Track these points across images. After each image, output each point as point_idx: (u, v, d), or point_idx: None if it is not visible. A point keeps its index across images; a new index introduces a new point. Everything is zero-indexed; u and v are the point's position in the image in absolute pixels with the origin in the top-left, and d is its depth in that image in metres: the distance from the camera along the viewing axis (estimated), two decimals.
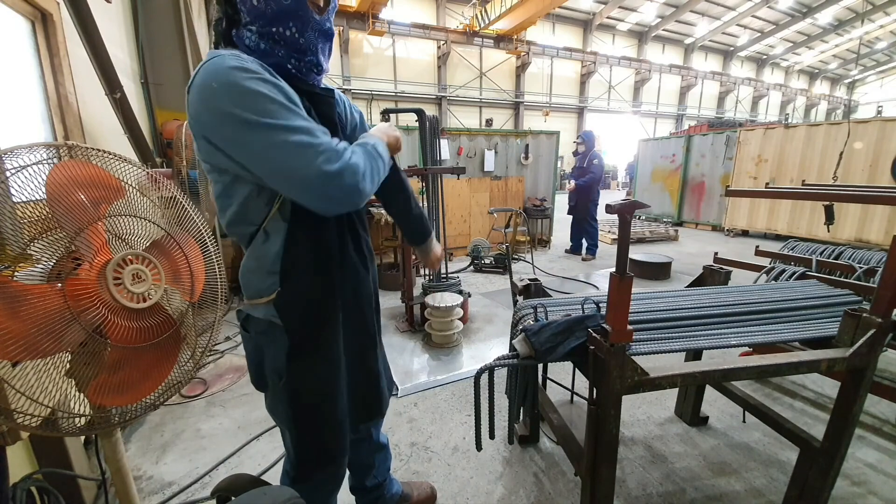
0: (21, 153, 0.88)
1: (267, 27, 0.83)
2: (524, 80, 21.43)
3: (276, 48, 0.85)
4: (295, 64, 0.88)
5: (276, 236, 0.90)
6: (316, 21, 0.87)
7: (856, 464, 1.83)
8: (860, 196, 1.69)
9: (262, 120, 0.74)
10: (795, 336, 1.33)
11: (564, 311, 1.45)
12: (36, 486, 1.10)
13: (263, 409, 2.25)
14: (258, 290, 0.95)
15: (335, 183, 0.77)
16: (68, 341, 0.88)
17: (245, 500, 1.10)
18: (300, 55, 0.87)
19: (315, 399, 1.01)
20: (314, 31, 0.87)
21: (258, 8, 0.82)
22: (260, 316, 0.96)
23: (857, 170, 6.30)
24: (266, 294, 0.93)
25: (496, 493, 1.70)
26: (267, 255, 0.92)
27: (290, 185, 0.78)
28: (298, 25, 0.84)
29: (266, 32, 0.84)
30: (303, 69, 0.89)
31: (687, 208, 9.15)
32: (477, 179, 6.21)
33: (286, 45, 0.85)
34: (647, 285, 4.72)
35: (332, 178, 0.77)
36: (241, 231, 0.93)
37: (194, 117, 0.78)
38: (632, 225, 4.32)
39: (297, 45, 0.86)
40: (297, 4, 0.83)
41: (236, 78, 0.74)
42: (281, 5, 0.82)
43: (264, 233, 0.91)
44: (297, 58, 0.87)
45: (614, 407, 1.16)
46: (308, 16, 0.85)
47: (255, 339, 1.00)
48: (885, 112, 25.47)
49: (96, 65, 2.34)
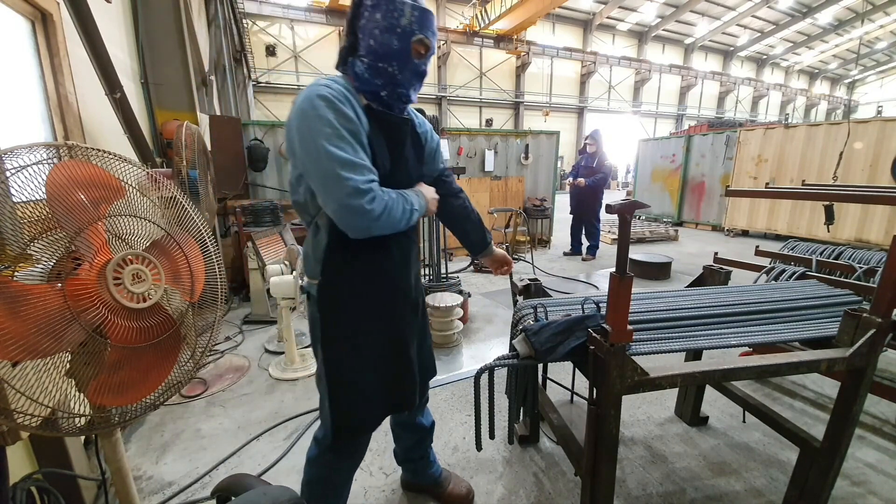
0: (21, 153, 0.88)
1: (375, 62, 1.02)
2: (524, 80, 21.44)
3: (377, 79, 1.03)
4: (388, 93, 1.06)
5: (324, 231, 1.07)
6: (414, 63, 1.05)
7: (856, 464, 1.83)
8: (860, 196, 1.69)
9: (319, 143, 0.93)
10: (795, 336, 1.33)
11: (564, 311, 1.45)
12: (36, 486, 1.11)
13: (263, 410, 2.27)
14: (311, 272, 1.14)
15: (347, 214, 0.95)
16: (68, 341, 0.88)
17: (245, 500, 1.10)
18: (394, 87, 1.05)
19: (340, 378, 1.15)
20: (411, 71, 1.05)
21: (373, 46, 1.01)
22: (313, 293, 1.14)
23: (857, 170, 6.30)
24: (314, 277, 1.12)
25: (496, 493, 1.70)
26: (318, 246, 1.10)
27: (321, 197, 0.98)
28: (399, 65, 1.03)
29: (373, 65, 1.02)
30: (393, 99, 1.07)
31: (687, 208, 9.15)
32: (477, 179, 6.21)
33: (385, 78, 1.04)
34: (647, 285, 4.72)
35: (347, 210, 0.94)
36: (303, 217, 1.14)
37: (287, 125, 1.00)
38: (632, 225, 4.32)
39: (394, 79, 1.04)
40: (403, 49, 1.01)
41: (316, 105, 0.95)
42: (391, 48, 1.00)
43: (316, 225, 1.10)
44: (391, 89, 1.05)
45: (614, 407, 1.16)
46: (409, 58, 1.03)
47: (311, 311, 1.17)
48: (885, 112, 25.47)
49: (96, 65, 2.34)
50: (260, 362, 2.86)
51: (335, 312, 1.12)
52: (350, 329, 1.13)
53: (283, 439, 2.04)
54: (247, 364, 2.83)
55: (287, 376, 2.62)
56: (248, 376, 2.68)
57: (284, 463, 1.88)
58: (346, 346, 1.13)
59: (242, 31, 10.95)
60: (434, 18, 1.05)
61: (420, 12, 1.00)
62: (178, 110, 3.62)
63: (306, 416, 2.22)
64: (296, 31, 17.01)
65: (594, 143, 5.65)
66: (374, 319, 1.15)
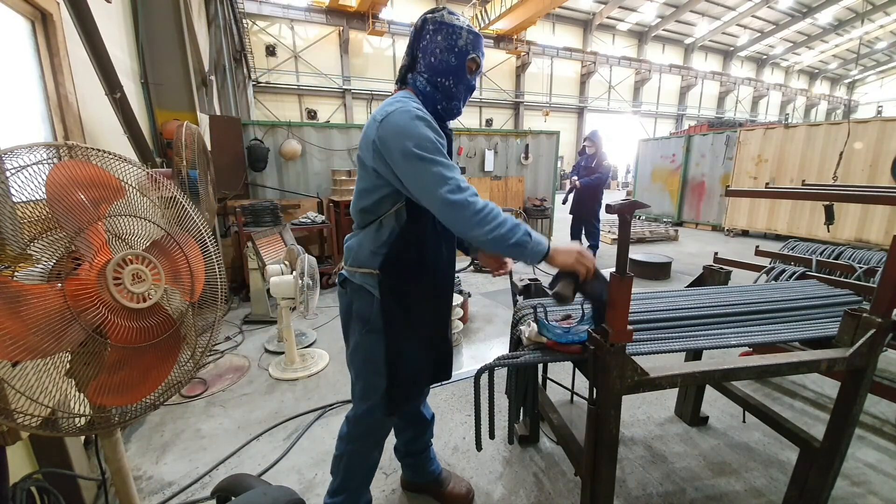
0: (21, 153, 0.88)
1: (434, 77, 1.16)
2: (524, 80, 21.43)
3: (436, 93, 1.18)
4: (444, 106, 1.20)
5: (388, 228, 1.19)
6: (467, 79, 1.19)
7: (856, 464, 1.83)
8: (860, 196, 1.70)
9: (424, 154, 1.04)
10: (795, 336, 1.33)
11: (564, 311, 1.45)
12: (36, 486, 1.11)
13: (263, 410, 2.27)
14: (363, 262, 1.22)
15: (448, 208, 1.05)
16: (68, 341, 0.88)
17: (245, 500, 1.10)
18: (449, 100, 1.20)
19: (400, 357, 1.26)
20: (464, 86, 1.20)
21: (432, 63, 1.16)
22: (357, 281, 1.24)
23: (857, 170, 6.30)
24: (367, 267, 1.22)
25: (496, 493, 1.70)
26: (379, 239, 1.20)
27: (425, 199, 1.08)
28: (455, 80, 1.17)
29: (432, 81, 1.17)
30: (447, 110, 1.21)
31: (687, 208, 9.15)
32: (477, 179, 6.21)
33: (442, 92, 1.18)
34: (647, 285, 4.72)
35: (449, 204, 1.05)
36: (363, 219, 1.23)
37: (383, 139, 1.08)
38: (632, 225, 4.32)
39: (450, 93, 1.19)
40: (459, 67, 1.15)
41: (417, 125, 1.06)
42: (449, 65, 1.15)
43: (380, 223, 1.20)
44: (446, 102, 1.20)
45: (614, 407, 1.16)
46: (463, 74, 1.17)
47: (350, 295, 1.28)
48: (885, 112, 25.46)
49: (96, 65, 2.34)
50: (260, 362, 2.86)
51: (397, 298, 1.22)
52: (408, 313, 1.24)
53: (283, 439, 2.04)
54: (247, 364, 2.83)
55: (287, 376, 2.62)
56: (248, 376, 2.68)
57: (284, 463, 1.88)
58: (406, 328, 1.25)
59: (242, 31, 10.96)
60: (482, 41, 1.19)
61: (474, 36, 1.16)
62: (178, 110, 3.62)
63: (306, 415, 2.22)
64: (296, 31, 16.99)
65: (593, 145, 5.64)
66: (427, 305, 1.29)
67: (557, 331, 1.22)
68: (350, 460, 1.40)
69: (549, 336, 1.22)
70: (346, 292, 1.29)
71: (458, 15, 1.16)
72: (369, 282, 1.22)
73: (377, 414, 1.33)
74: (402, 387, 1.29)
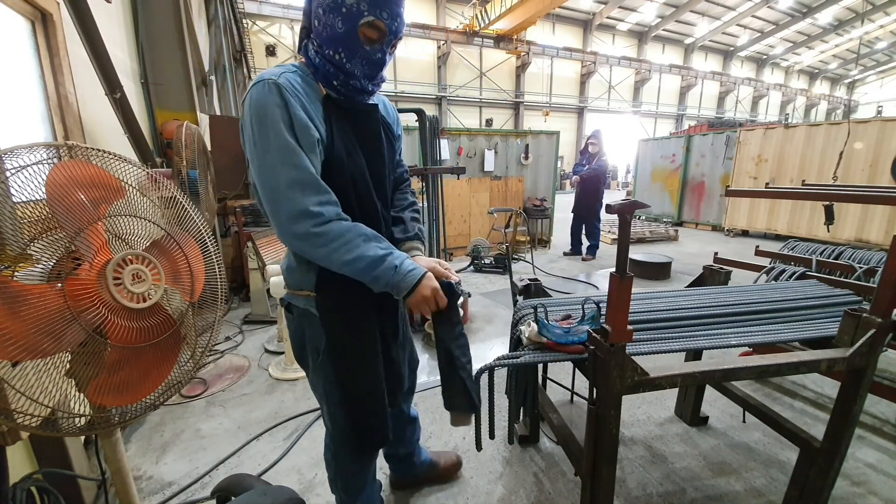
0: (21, 153, 0.88)
1: (322, 48, 0.94)
2: (524, 80, 21.43)
3: (328, 66, 0.95)
4: (341, 82, 0.96)
5: None
6: (364, 51, 0.92)
7: (856, 464, 1.83)
8: (860, 196, 1.70)
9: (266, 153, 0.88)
10: (795, 336, 1.33)
11: (564, 311, 1.45)
12: (36, 486, 1.10)
13: (263, 410, 2.27)
14: (299, 283, 1.06)
15: (293, 240, 0.92)
16: (68, 341, 0.88)
17: (245, 500, 1.10)
18: (345, 77, 0.96)
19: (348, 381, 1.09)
20: (361, 60, 0.94)
21: (318, 30, 0.92)
22: (300, 305, 1.09)
23: (857, 170, 6.30)
24: (306, 288, 1.05)
25: (496, 493, 1.70)
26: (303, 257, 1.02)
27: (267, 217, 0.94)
28: (346, 53, 0.92)
29: (321, 52, 0.94)
30: (347, 90, 0.98)
31: (687, 208, 9.15)
32: (477, 179, 6.21)
33: (335, 66, 0.94)
34: (647, 285, 4.72)
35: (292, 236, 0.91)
36: None
37: (241, 117, 0.93)
38: (632, 225, 4.31)
39: (343, 68, 0.94)
40: (348, 34, 0.89)
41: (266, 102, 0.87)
42: (335, 32, 0.89)
43: None
44: (342, 80, 0.96)
45: (614, 407, 1.16)
46: (356, 45, 0.91)
47: (297, 321, 1.13)
48: (885, 112, 25.45)
49: (96, 65, 2.34)
50: (260, 362, 2.86)
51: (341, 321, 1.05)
52: (356, 335, 1.07)
53: (283, 439, 2.04)
54: (247, 364, 2.83)
55: (287, 376, 2.62)
56: (248, 376, 2.68)
57: (284, 463, 1.88)
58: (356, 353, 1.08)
59: (242, 31, 10.94)
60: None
61: None
62: (178, 110, 3.62)
63: (306, 415, 2.22)
64: (296, 32, 17.00)
65: (596, 143, 5.70)
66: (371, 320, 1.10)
67: (557, 331, 1.22)
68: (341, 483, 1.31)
69: (549, 336, 1.22)
70: (294, 317, 1.13)
71: None
72: (312, 305, 1.05)
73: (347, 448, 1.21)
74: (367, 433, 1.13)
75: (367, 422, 1.12)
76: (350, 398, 1.09)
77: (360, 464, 1.28)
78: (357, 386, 1.09)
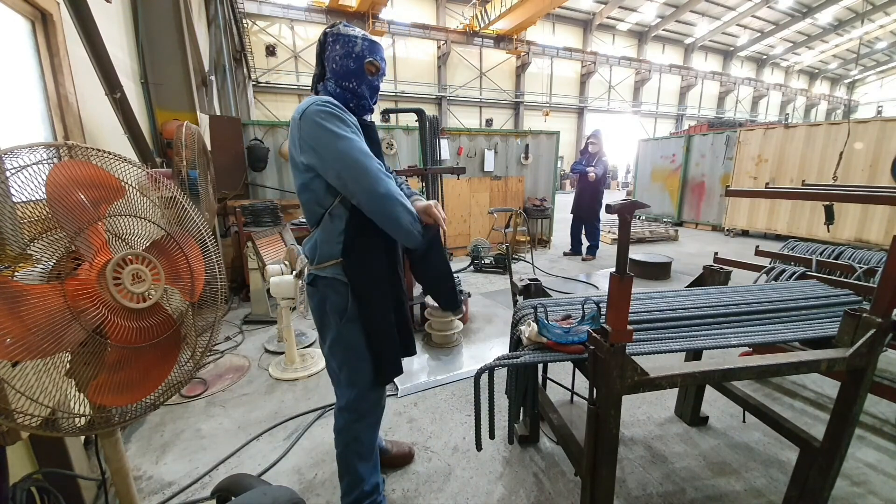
0: (21, 153, 0.88)
1: (340, 81, 1.32)
2: (524, 80, 21.43)
3: (345, 94, 1.32)
4: (354, 104, 1.34)
5: (340, 218, 1.29)
6: (368, 80, 1.34)
7: (856, 464, 1.83)
8: (860, 196, 1.70)
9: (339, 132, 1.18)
10: (795, 336, 1.33)
11: (564, 311, 1.45)
12: (36, 486, 1.11)
13: (263, 410, 2.27)
14: (328, 254, 1.31)
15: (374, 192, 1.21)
16: (68, 341, 0.88)
17: (245, 500, 1.10)
18: (358, 99, 1.34)
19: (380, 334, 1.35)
20: (367, 86, 1.34)
21: (335, 69, 1.31)
22: (327, 275, 1.32)
23: (857, 170, 6.29)
24: (334, 257, 1.30)
25: (496, 493, 1.70)
26: (335, 231, 1.30)
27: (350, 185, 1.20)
28: (357, 81, 1.32)
29: (339, 84, 1.32)
30: (358, 109, 1.35)
31: (687, 208, 9.15)
32: (477, 179, 6.21)
33: (350, 93, 1.32)
34: (647, 285, 4.72)
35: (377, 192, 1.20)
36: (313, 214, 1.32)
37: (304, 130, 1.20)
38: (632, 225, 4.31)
39: (357, 93, 1.33)
40: (358, 69, 1.30)
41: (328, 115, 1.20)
42: (349, 69, 1.30)
43: (330, 215, 1.29)
44: (356, 101, 1.34)
45: (614, 407, 1.16)
46: (364, 76, 1.32)
47: (321, 291, 1.35)
48: (885, 112, 25.47)
49: (96, 65, 2.34)
50: (260, 362, 2.86)
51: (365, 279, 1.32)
52: (377, 292, 1.34)
53: (283, 439, 2.04)
54: (247, 364, 2.83)
55: (287, 376, 2.62)
56: (248, 376, 2.68)
57: (284, 463, 1.88)
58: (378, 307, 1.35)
59: (242, 31, 10.95)
60: (382, 48, 1.35)
61: (370, 42, 1.31)
62: (178, 110, 3.62)
63: (306, 415, 2.22)
64: (296, 31, 16.99)
65: (596, 143, 5.71)
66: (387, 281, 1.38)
67: (557, 331, 1.22)
68: (354, 448, 1.45)
69: (549, 336, 1.22)
70: (318, 289, 1.36)
71: (353, 27, 1.32)
72: (339, 272, 1.31)
73: (369, 396, 1.42)
74: (388, 361, 1.39)
75: (388, 355, 1.38)
76: (372, 341, 1.34)
77: (378, 394, 1.48)
78: (379, 329, 1.34)
